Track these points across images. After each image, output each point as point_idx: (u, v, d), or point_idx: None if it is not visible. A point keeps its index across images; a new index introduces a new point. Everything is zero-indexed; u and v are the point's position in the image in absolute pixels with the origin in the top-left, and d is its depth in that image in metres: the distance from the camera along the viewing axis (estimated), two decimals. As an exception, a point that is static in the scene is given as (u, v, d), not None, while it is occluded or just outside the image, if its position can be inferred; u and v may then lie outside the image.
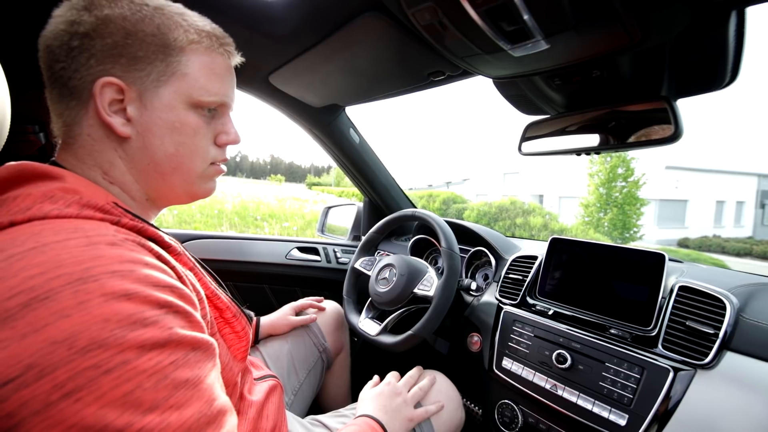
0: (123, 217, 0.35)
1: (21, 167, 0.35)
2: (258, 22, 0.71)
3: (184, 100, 0.40)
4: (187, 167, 0.43)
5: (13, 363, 0.23)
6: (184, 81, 0.40)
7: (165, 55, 0.39)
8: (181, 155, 0.42)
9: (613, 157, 10.79)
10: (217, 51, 0.42)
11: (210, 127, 0.44)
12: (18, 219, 0.30)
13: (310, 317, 0.88)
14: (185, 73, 0.40)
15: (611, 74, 0.63)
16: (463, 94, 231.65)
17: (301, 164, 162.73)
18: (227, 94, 0.44)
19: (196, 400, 0.28)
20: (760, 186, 17.29)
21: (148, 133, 0.40)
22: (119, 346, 0.26)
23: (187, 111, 0.41)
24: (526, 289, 0.83)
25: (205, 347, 0.31)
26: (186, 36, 0.40)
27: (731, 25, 0.48)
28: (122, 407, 0.25)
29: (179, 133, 0.41)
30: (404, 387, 0.70)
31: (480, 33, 0.53)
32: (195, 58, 0.40)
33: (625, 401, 0.59)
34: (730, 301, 0.59)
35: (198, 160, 0.43)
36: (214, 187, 0.48)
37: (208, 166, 0.45)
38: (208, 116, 0.43)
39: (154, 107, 0.39)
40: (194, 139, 0.42)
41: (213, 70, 0.42)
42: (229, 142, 0.47)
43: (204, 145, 0.43)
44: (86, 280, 0.26)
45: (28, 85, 0.86)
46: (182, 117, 0.41)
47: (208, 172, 0.46)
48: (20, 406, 0.23)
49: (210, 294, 0.43)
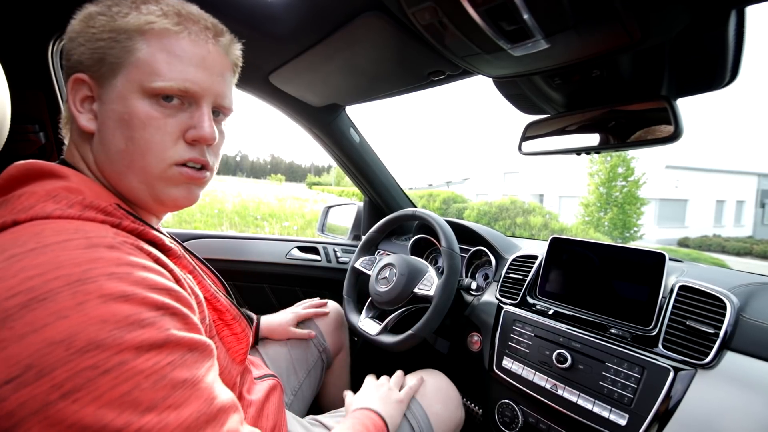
0: (124, 219, 0.35)
1: (28, 166, 0.35)
2: (258, 22, 0.71)
3: (135, 88, 0.36)
4: (139, 166, 0.38)
5: (11, 363, 0.24)
6: (137, 67, 0.36)
7: (116, 42, 0.36)
8: (131, 151, 0.37)
9: (613, 157, 10.79)
10: (181, 32, 0.37)
11: (173, 120, 0.38)
12: (21, 218, 0.30)
13: (309, 333, 0.87)
14: (138, 57, 0.36)
15: (611, 74, 0.63)
16: (463, 94, 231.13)
17: (302, 164, 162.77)
18: (193, 79, 0.38)
19: (195, 399, 0.28)
20: (760, 185, 17.28)
21: (103, 126, 0.38)
22: (117, 347, 0.26)
23: (138, 100, 0.37)
24: (526, 289, 0.83)
25: (202, 348, 0.31)
26: (141, 17, 0.36)
27: (731, 24, 0.48)
28: (120, 407, 0.25)
29: (127, 125, 0.37)
30: (385, 380, 0.71)
31: (480, 32, 0.53)
32: (154, 41, 0.36)
33: (626, 401, 0.59)
34: (731, 300, 0.59)
35: (151, 158, 0.38)
36: (182, 195, 0.41)
37: (169, 166, 0.39)
38: (169, 107, 0.38)
39: (108, 99, 0.37)
40: (144, 132, 0.37)
41: (172, 52, 0.37)
42: (197, 138, 0.39)
43: (159, 141, 0.38)
44: (84, 281, 0.26)
45: (27, 84, 0.86)
46: (131, 107, 0.36)
47: (169, 175, 0.39)
48: (19, 406, 0.23)
49: (209, 297, 0.43)
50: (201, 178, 0.42)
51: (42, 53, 0.82)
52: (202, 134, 0.39)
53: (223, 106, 0.43)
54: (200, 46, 0.39)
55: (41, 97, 0.87)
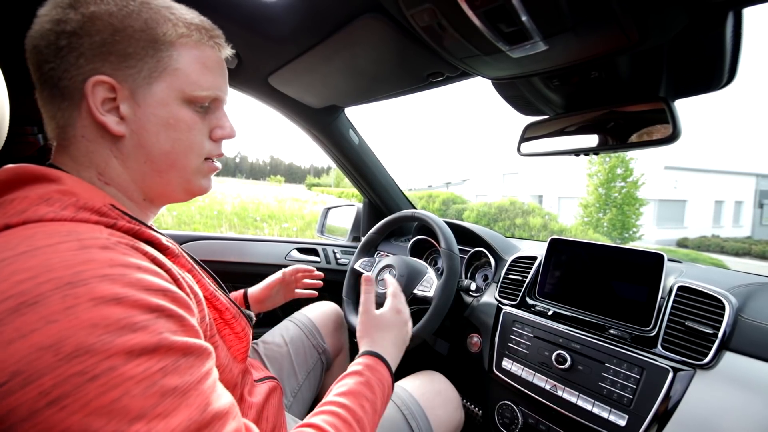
0: (120, 219, 0.34)
1: (19, 170, 0.34)
2: (257, 23, 0.71)
3: (177, 95, 0.40)
4: (182, 163, 0.42)
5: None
6: (176, 76, 0.39)
7: (155, 51, 0.38)
8: (177, 152, 0.41)
9: (612, 158, 10.81)
10: (207, 44, 0.41)
11: (205, 122, 0.43)
12: (13, 222, 0.30)
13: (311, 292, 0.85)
14: (176, 68, 0.39)
15: (609, 75, 0.64)
16: (462, 95, 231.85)
17: (301, 165, 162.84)
18: (220, 87, 0.43)
19: (185, 407, 0.27)
20: (759, 186, 17.33)
21: (142, 130, 0.39)
22: (106, 352, 0.25)
23: (181, 107, 0.40)
24: (525, 290, 0.83)
25: (198, 352, 0.31)
26: (175, 30, 0.39)
27: (728, 26, 0.48)
28: (108, 415, 0.24)
29: (174, 129, 0.40)
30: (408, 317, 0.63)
31: (478, 34, 0.53)
32: (185, 52, 0.40)
33: (625, 401, 0.59)
34: (729, 301, 0.59)
35: (193, 156, 0.43)
36: (209, 185, 0.47)
37: (203, 161, 0.44)
38: (202, 111, 0.43)
39: (148, 104, 0.39)
40: (189, 134, 0.41)
41: (204, 63, 0.41)
42: (225, 136, 0.46)
43: (199, 141, 0.43)
44: (75, 284, 0.26)
45: (26, 86, 0.86)
46: (176, 113, 0.40)
47: (203, 168, 0.45)
48: (8, 413, 0.23)
49: (209, 296, 0.43)
50: (218, 167, 0.48)
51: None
52: (229, 133, 0.46)
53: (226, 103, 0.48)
54: (220, 56, 0.44)
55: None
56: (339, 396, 0.45)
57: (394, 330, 0.58)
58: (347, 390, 0.46)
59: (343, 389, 0.46)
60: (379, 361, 0.52)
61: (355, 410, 0.43)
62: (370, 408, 0.45)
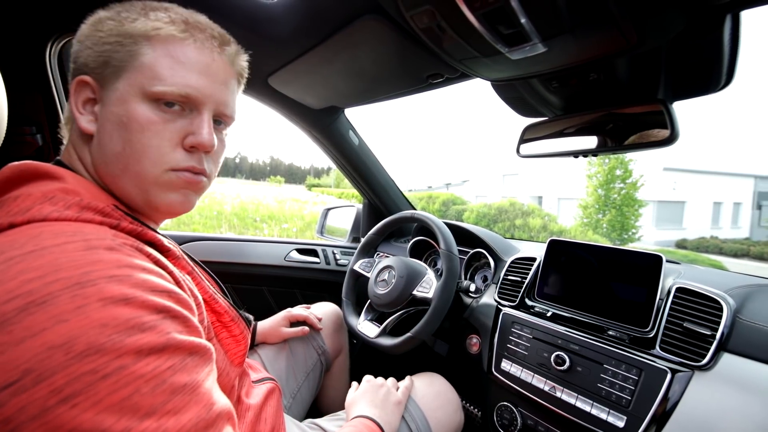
0: (122, 220, 0.35)
1: (22, 167, 0.35)
2: (257, 24, 0.71)
3: (137, 91, 0.37)
4: (134, 170, 0.38)
5: (10, 368, 0.23)
6: (140, 71, 0.37)
7: (121, 45, 0.37)
8: (127, 155, 0.37)
9: (611, 159, 10.83)
10: (186, 39, 0.38)
11: (172, 126, 0.38)
12: (17, 221, 0.30)
13: (302, 329, 0.86)
14: (142, 62, 0.37)
15: (608, 77, 0.64)
16: (461, 96, 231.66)
17: (301, 165, 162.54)
18: (194, 85, 0.38)
19: (194, 404, 0.28)
20: (757, 187, 17.37)
21: (101, 128, 0.38)
22: (116, 351, 0.25)
23: (139, 104, 0.37)
24: (524, 291, 0.83)
25: (202, 352, 0.31)
26: (148, 23, 0.37)
27: (726, 28, 0.48)
28: (119, 412, 0.25)
29: (125, 128, 0.37)
30: (383, 381, 0.71)
31: (478, 36, 0.53)
32: (159, 47, 0.37)
33: (624, 403, 0.59)
34: (727, 302, 0.59)
35: (147, 163, 0.38)
36: (178, 201, 0.41)
37: (164, 171, 0.39)
38: (170, 112, 0.38)
39: (109, 101, 0.38)
40: (142, 136, 0.37)
41: (176, 58, 0.37)
42: (195, 144, 0.39)
43: (156, 145, 0.38)
44: (84, 284, 0.26)
45: (25, 87, 0.86)
46: (131, 110, 0.37)
47: (165, 180, 0.39)
48: (18, 411, 0.23)
49: (208, 298, 0.43)
50: (198, 182, 0.42)
51: (40, 55, 0.82)
52: (200, 140, 0.39)
53: (224, 114, 0.43)
54: (205, 54, 0.39)
55: (39, 99, 0.87)
56: None
57: (370, 395, 0.66)
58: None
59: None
60: (366, 419, 0.59)
61: None
62: None
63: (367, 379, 0.71)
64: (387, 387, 0.69)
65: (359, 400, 0.66)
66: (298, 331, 0.85)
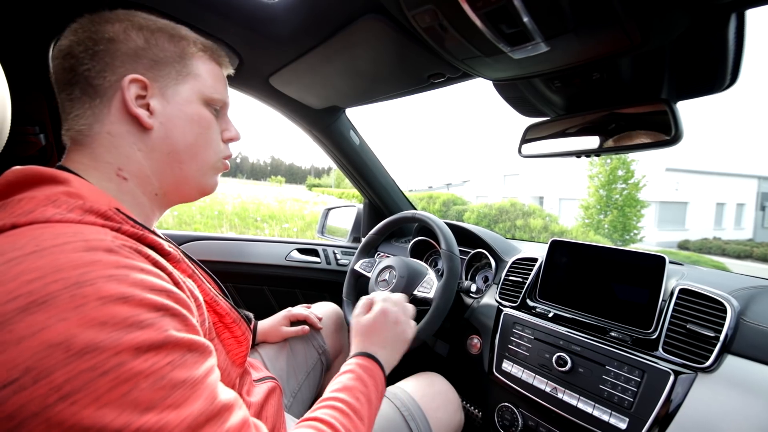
0: (124, 224, 0.35)
1: (27, 171, 0.35)
2: (258, 24, 0.71)
3: (199, 96, 0.46)
4: (203, 156, 0.47)
5: (10, 366, 0.24)
6: (198, 81, 0.46)
7: (181, 59, 0.45)
8: (199, 144, 0.47)
9: (613, 159, 10.80)
10: (216, 61, 0.50)
11: (217, 124, 0.49)
12: (20, 222, 0.30)
13: (302, 328, 0.86)
14: (197, 74, 0.46)
15: (611, 77, 0.64)
16: (463, 96, 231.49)
17: (302, 165, 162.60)
18: (228, 96, 0.51)
19: (196, 398, 0.29)
20: (761, 188, 17.28)
21: (170, 123, 0.44)
22: (115, 348, 0.26)
23: (202, 106, 0.47)
24: (526, 292, 0.83)
25: (201, 349, 0.32)
26: (194, 46, 0.47)
27: (731, 27, 0.48)
28: (120, 408, 0.25)
29: (197, 124, 0.46)
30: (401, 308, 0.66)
31: (480, 35, 0.53)
32: (202, 64, 0.47)
33: (626, 404, 0.59)
34: (731, 304, 0.59)
35: (211, 151, 0.48)
36: (217, 182, 0.52)
37: (219, 159, 0.50)
38: (215, 114, 0.49)
39: (176, 101, 0.44)
40: (209, 131, 0.47)
41: (216, 75, 0.49)
42: (232, 138, 0.52)
43: (215, 138, 0.49)
44: (83, 284, 0.27)
45: (28, 86, 0.87)
46: (199, 111, 0.46)
47: (218, 165, 0.50)
48: (19, 409, 0.23)
49: (209, 300, 0.44)
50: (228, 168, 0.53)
51: (43, 55, 0.82)
52: (235, 135, 0.53)
53: None
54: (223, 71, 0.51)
55: (42, 99, 0.87)
56: (335, 392, 0.48)
57: (382, 332, 0.61)
58: (342, 386, 0.49)
59: (338, 386, 0.49)
60: (367, 358, 0.55)
61: (352, 402, 0.46)
62: (365, 400, 0.48)
63: (383, 309, 0.63)
64: (402, 325, 0.63)
65: (370, 333, 0.60)
66: (299, 330, 0.85)
